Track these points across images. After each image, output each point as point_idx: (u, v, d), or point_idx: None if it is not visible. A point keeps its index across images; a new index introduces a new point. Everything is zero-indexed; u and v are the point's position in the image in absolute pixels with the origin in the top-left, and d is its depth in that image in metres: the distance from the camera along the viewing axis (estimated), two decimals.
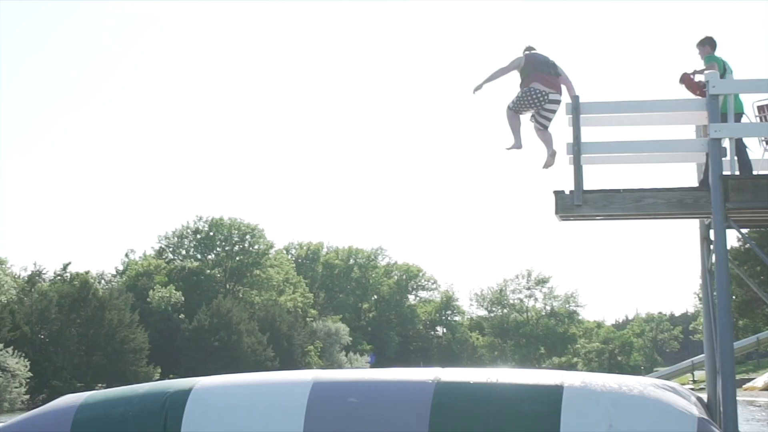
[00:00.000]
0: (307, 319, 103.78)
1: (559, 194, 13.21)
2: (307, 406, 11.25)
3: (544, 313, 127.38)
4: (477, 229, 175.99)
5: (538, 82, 14.06)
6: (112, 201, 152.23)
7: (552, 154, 14.13)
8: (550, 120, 14.22)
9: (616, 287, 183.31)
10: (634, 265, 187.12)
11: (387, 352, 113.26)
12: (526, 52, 14.45)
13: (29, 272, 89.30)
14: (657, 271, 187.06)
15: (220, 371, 67.27)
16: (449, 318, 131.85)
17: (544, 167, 14.27)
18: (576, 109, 13.22)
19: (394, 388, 11.39)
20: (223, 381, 12.35)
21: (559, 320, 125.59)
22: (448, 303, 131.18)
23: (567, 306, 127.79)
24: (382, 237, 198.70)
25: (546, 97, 14.01)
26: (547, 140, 14.25)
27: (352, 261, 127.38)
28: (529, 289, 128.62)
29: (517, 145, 14.45)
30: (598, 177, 13.82)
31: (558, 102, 14.06)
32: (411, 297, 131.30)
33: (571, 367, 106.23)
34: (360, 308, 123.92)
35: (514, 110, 14.27)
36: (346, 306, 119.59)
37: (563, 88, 14.14)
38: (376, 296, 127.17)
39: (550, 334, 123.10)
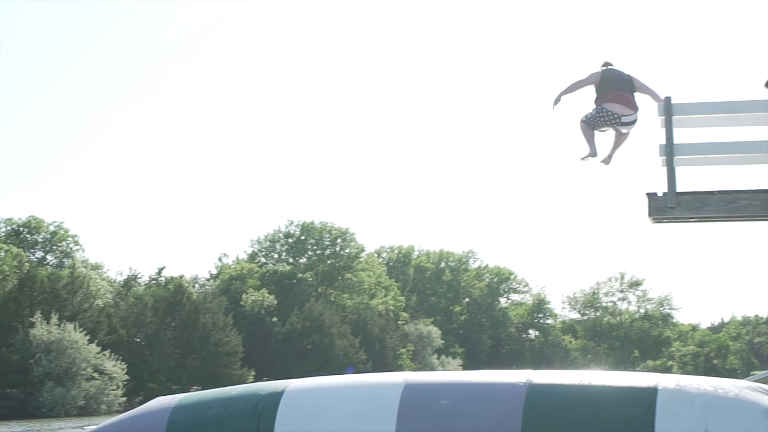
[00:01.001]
0: (399, 322, 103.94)
1: (652, 197, 13.03)
2: (398, 407, 11.22)
3: (637, 316, 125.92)
4: (569, 232, 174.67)
5: (613, 102, 13.95)
6: (205, 206, 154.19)
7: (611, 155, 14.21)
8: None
9: (711, 290, 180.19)
10: (729, 267, 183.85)
11: (479, 355, 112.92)
12: (603, 68, 14.38)
13: (125, 276, 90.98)
14: (753, 273, 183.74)
15: (313, 374, 67.65)
16: (541, 321, 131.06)
17: (602, 162, 14.30)
18: (668, 110, 13.06)
19: (486, 390, 11.30)
20: (314, 383, 12.38)
21: (653, 323, 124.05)
22: (540, 306, 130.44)
23: (661, 309, 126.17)
24: (474, 240, 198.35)
25: (618, 120, 13.94)
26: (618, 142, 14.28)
27: (443, 264, 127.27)
28: (622, 291, 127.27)
29: (593, 153, 14.41)
30: (690, 179, 13.62)
31: (631, 123, 13.97)
32: (503, 300, 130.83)
33: (666, 370, 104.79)
34: (451, 311, 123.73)
35: (588, 124, 14.25)
36: (438, 309, 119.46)
37: (643, 100, 14.00)
38: (467, 299, 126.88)
39: (644, 338, 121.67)
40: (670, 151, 12.99)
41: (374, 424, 11.32)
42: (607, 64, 14.53)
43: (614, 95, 13.98)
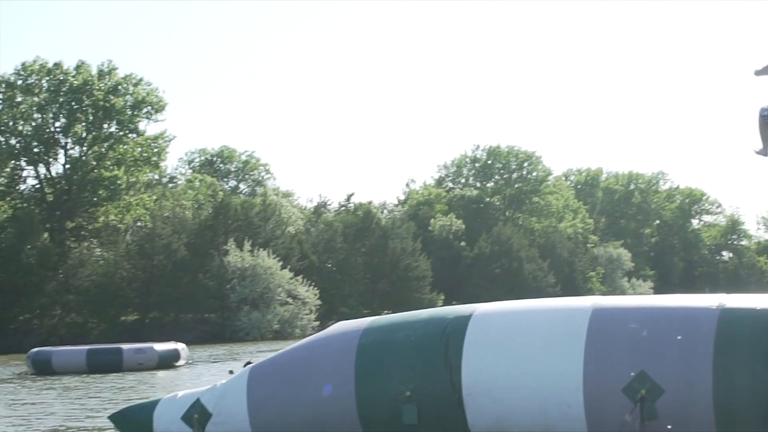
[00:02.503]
0: (588, 245, 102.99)
1: None
2: (587, 332, 11.11)
3: None
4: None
5: None
6: (393, 132, 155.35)
7: None
8: None
9: None
10: None
11: (670, 277, 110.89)
12: None
13: (315, 203, 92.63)
14: None
15: (502, 298, 67.52)
16: (735, 242, 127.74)
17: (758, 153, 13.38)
18: None
19: (677, 315, 11.06)
20: (502, 307, 12.36)
21: None
22: (734, 227, 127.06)
23: None
24: (664, 161, 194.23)
25: None
26: None
27: (632, 186, 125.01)
28: None
29: (764, 153, 13.56)
30: None
31: None
32: (694, 221, 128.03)
33: None
34: (641, 234, 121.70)
35: (766, 121, 13.33)
36: (627, 231, 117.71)
37: None
38: (658, 221, 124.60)
39: None
40: None
41: (562, 348, 11.23)
42: None
43: None
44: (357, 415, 11.88)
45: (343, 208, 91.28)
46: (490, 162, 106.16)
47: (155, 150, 73.90)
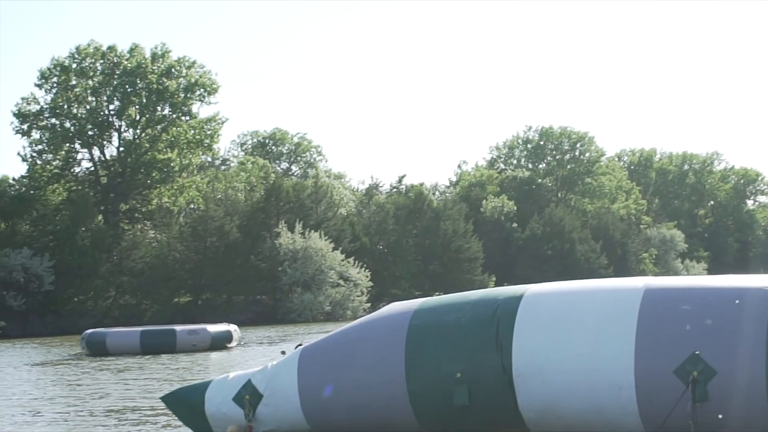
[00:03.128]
0: (641, 226, 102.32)
1: None
2: (639, 313, 11.08)
3: None
4: None
5: None
6: (444, 114, 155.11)
7: None
8: None
9: None
10: None
11: (724, 258, 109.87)
12: None
13: (367, 185, 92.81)
14: None
15: (553, 279, 67.21)
16: None
17: None
18: None
19: (730, 296, 10.98)
20: (553, 288, 12.34)
21: None
22: None
23: None
24: (718, 141, 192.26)
25: None
26: None
27: (686, 166, 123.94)
28: None
29: None
30: None
31: None
32: (749, 202, 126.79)
33: None
34: (695, 214, 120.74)
35: None
36: (681, 212, 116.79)
37: None
38: (712, 202, 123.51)
39: None
40: None
41: (614, 328, 11.20)
42: None
43: None
44: (407, 396, 11.93)
45: (395, 189, 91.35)
46: (542, 143, 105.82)
47: (208, 132, 74.35)
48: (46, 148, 71.66)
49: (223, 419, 13.02)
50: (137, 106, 72.19)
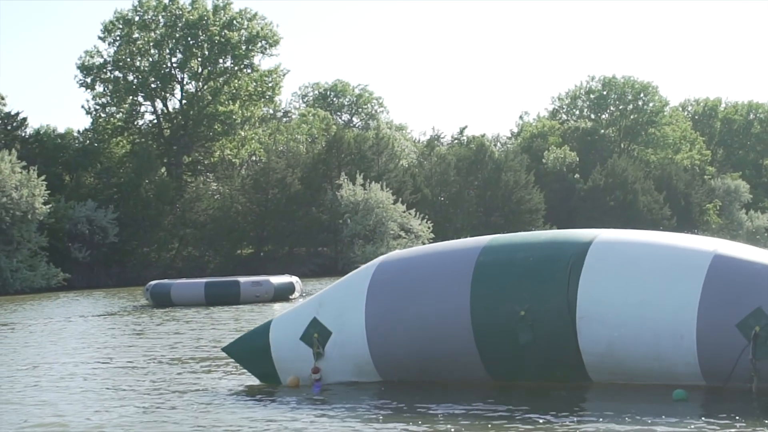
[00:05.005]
0: (705, 176, 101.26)
1: None
2: (708, 268, 11.18)
3: None
4: None
5: None
6: (505, 64, 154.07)
7: None
8: None
9: None
10: None
11: None
12: None
13: (428, 137, 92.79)
14: None
15: None
16: None
17: None
18: None
19: None
20: (623, 236, 12.41)
21: None
22: None
23: None
24: None
25: None
26: None
27: (752, 116, 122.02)
28: None
29: None
30: None
31: None
32: None
33: None
34: (761, 165, 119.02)
35: None
36: (746, 162, 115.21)
37: None
38: None
39: None
40: None
41: (681, 281, 11.30)
42: None
43: None
44: (471, 331, 12.03)
45: (456, 141, 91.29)
46: (605, 93, 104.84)
47: (269, 84, 74.58)
48: (110, 101, 72.28)
49: (292, 360, 13.16)
50: (199, 59, 72.50)
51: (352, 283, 13.26)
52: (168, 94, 73.21)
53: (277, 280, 36.28)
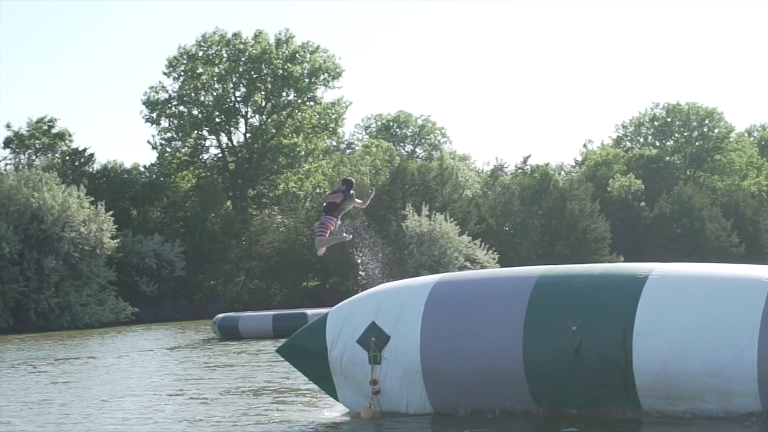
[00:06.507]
0: None
1: None
2: (765, 303, 11.17)
3: None
4: None
5: None
6: (569, 93, 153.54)
7: None
8: None
9: None
10: None
11: None
12: None
13: (491, 166, 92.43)
14: None
15: (683, 258, 66.47)
16: None
17: None
18: None
19: None
20: (678, 270, 12.42)
21: None
22: None
23: None
24: None
25: None
26: None
27: None
28: None
29: None
30: None
31: None
32: None
33: None
34: None
35: None
36: None
37: None
38: None
39: None
40: None
41: (741, 301, 11.27)
42: None
43: None
44: (521, 350, 12.06)
45: (520, 170, 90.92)
46: (669, 120, 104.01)
47: (333, 116, 74.84)
48: (175, 136, 72.97)
49: (347, 363, 13.17)
50: (263, 92, 72.98)
51: (412, 291, 13.35)
52: (232, 128, 73.74)
53: None
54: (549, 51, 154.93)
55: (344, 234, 18.29)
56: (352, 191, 16.99)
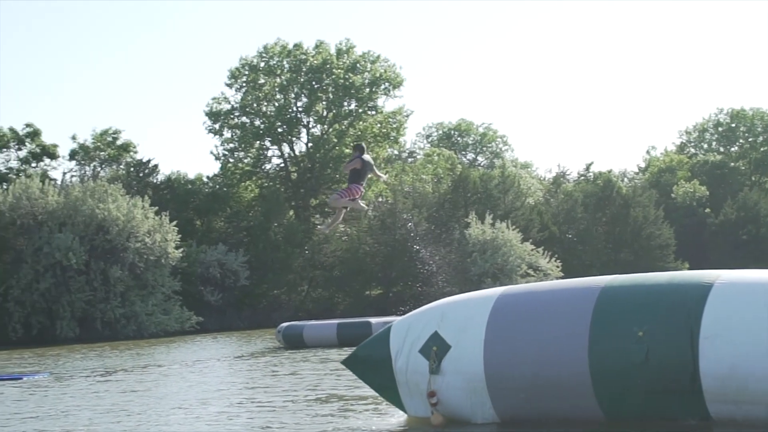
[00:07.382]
0: None
1: None
2: None
3: None
4: None
5: None
6: (632, 99, 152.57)
7: None
8: None
9: None
10: None
11: None
12: None
13: (554, 174, 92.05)
14: None
15: (749, 265, 65.55)
16: None
17: None
18: None
19: None
20: (745, 276, 12.32)
21: None
22: None
23: None
24: None
25: None
26: None
27: None
28: None
29: None
30: None
31: None
32: None
33: None
34: None
35: None
36: None
37: None
38: None
39: None
40: None
41: None
42: None
43: None
44: (586, 356, 12.00)
45: (583, 177, 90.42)
46: (733, 125, 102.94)
47: (394, 125, 74.96)
48: (238, 146, 73.51)
49: (411, 372, 13.21)
50: (324, 102, 73.29)
51: (476, 301, 13.39)
52: (294, 138, 74.15)
53: None
54: (612, 57, 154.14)
55: (362, 204, 18.48)
56: (365, 155, 17.17)
